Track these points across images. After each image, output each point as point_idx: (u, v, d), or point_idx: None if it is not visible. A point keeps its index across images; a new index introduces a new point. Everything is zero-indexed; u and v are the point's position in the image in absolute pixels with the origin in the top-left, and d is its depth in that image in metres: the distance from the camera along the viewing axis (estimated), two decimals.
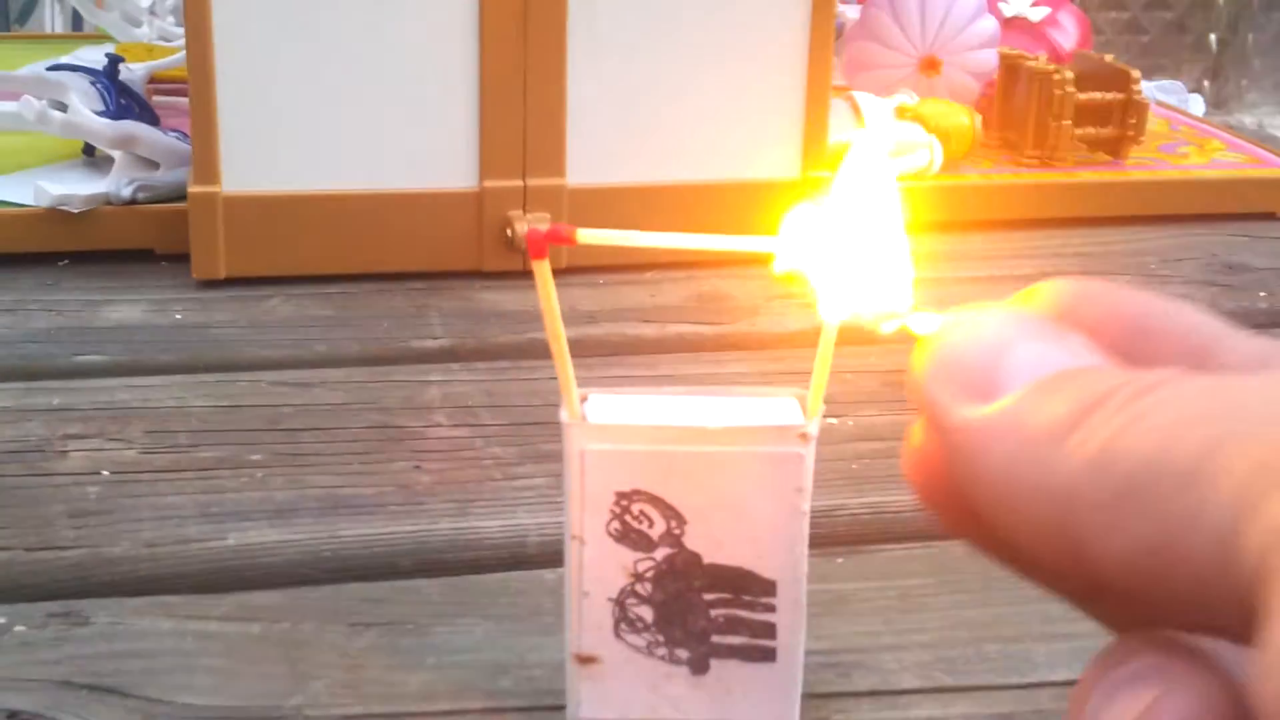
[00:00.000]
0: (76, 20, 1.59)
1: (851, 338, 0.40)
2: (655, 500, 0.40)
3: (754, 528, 0.40)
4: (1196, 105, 1.04)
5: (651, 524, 0.41)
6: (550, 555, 0.51)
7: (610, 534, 0.41)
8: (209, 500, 0.54)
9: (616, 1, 0.74)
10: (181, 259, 0.75)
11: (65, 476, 0.55)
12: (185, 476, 0.56)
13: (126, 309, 0.71)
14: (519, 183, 0.75)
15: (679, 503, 0.40)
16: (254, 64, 0.72)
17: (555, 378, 0.40)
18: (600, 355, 0.67)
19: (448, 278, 0.76)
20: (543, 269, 0.38)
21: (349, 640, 0.46)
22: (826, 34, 0.76)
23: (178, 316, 0.71)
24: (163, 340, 0.68)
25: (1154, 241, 0.84)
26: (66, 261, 0.76)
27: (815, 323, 0.39)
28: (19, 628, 0.46)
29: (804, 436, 0.40)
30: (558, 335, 0.39)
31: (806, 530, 0.40)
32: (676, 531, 0.40)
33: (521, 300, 0.73)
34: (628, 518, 0.41)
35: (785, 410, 0.41)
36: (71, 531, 0.52)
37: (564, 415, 0.40)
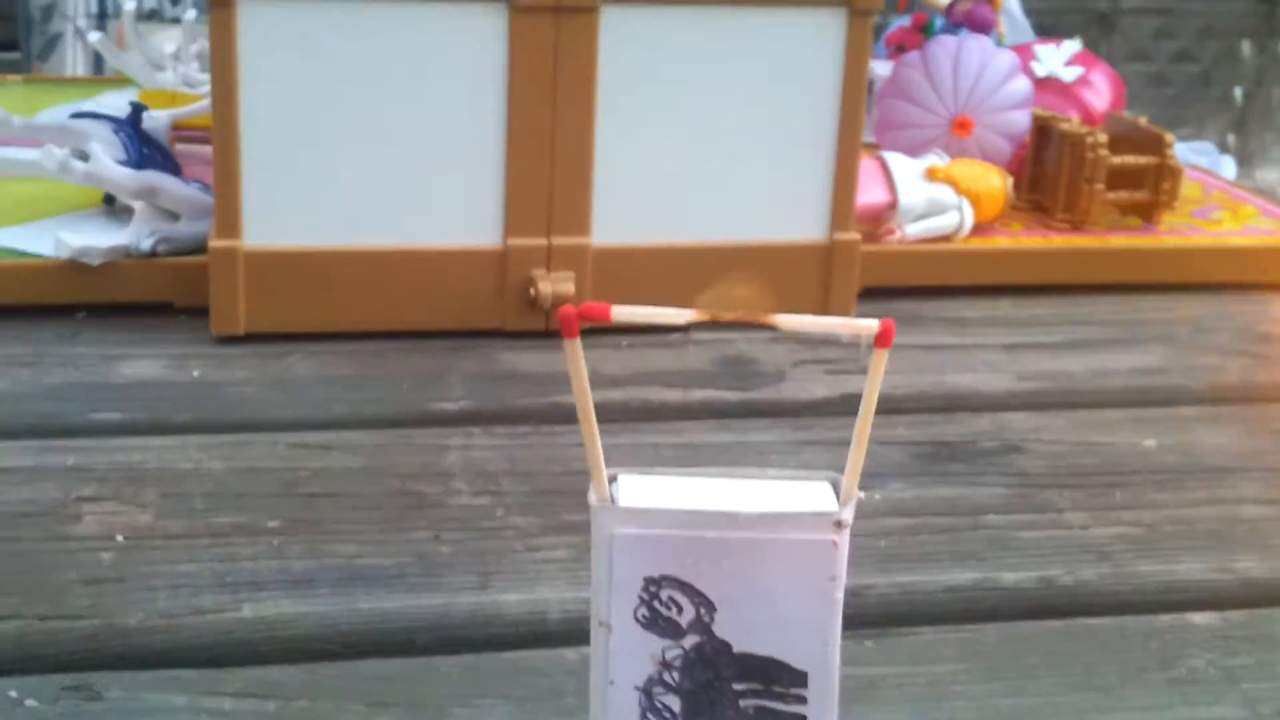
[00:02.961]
0: (98, 61, 1.59)
1: (879, 407, 0.39)
2: (685, 587, 0.39)
3: (785, 616, 0.39)
4: (1228, 167, 1.03)
5: (681, 611, 0.39)
6: (572, 632, 0.50)
7: (638, 620, 0.39)
8: (224, 569, 0.53)
9: (646, 59, 0.73)
10: (201, 312, 0.74)
11: (79, 541, 0.54)
12: (200, 543, 0.55)
13: (144, 364, 0.70)
14: (544, 241, 0.74)
15: (709, 589, 0.39)
16: (279, 119, 0.71)
17: (578, 444, 0.39)
18: (624, 421, 0.66)
19: (470, 337, 0.75)
20: (575, 348, 0.37)
21: None
22: (858, 94, 0.76)
23: (196, 373, 0.70)
24: (180, 398, 0.67)
25: (1187, 309, 0.83)
26: (84, 314, 0.75)
27: (843, 391, 0.38)
28: (30, 702, 0.45)
29: (838, 524, 0.38)
30: (589, 415, 0.38)
31: (839, 620, 0.39)
32: (706, 619, 0.39)
33: (543, 361, 0.72)
34: (656, 604, 0.39)
35: (818, 495, 0.40)
36: (85, 600, 0.51)
37: (593, 498, 0.39)
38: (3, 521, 0.55)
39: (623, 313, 0.38)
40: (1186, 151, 1.03)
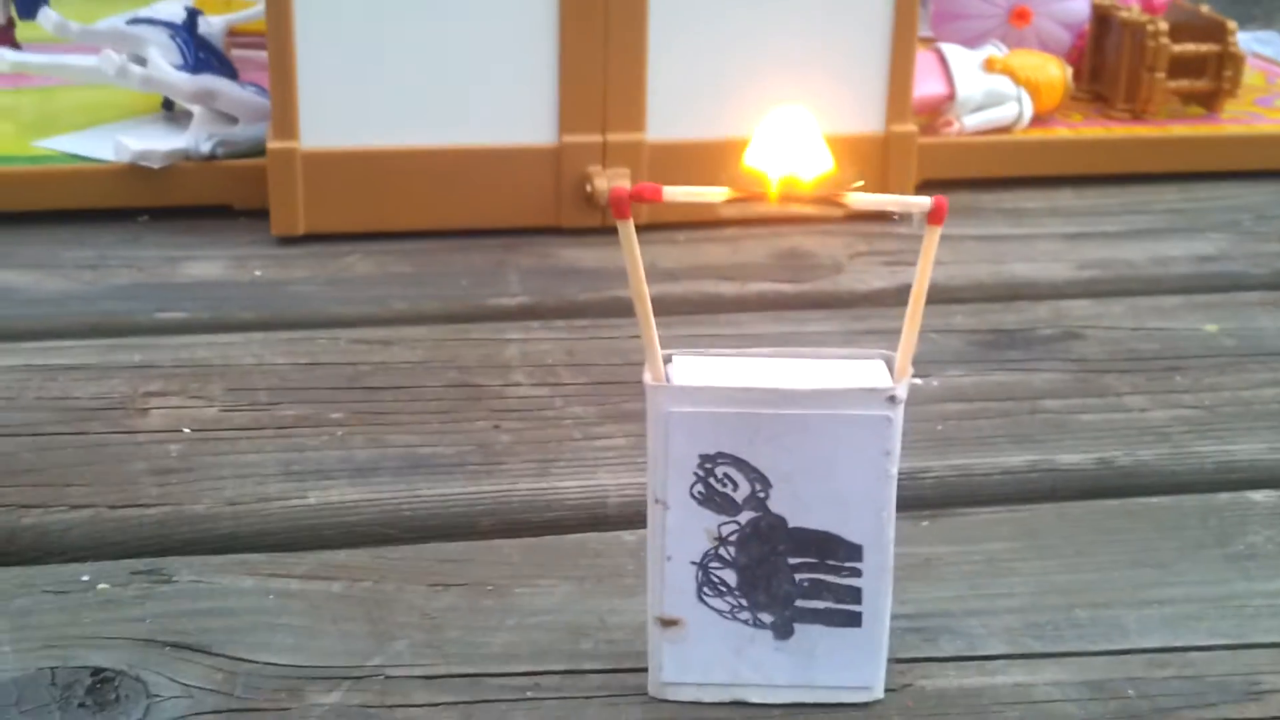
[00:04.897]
0: None
1: (933, 296, 0.39)
2: (740, 463, 0.40)
3: (840, 491, 0.40)
4: None
5: (736, 487, 0.40)
6: (630, 516, 0.51)
7: (694, 497, 0.40)
8: (290, 459, 0.54)
9: None
10: (260, 214, 0.74)
11: (147, 434, 0.55)
12: (266, 434, 0.56)
13: (206, 265, 0.71)
14: (598, 138, 0.74)
15: (764, 466, 0.40)
16: (333, 20, 0.71)
17: (636, 336, 0.39)
18: (681, 314, 0.67)
19: (526, 234, 0.75)
20: (627, 229, 0.37)
21: (429, 600, 0.46)
22: None
23: (257, 273, 0.70)
24: (242, 297, 0.68)
25: (1248, 197, 0.82)
26: (146, 217, 0.76)
27: (901, 282, 0.38)
28: (102, 585, 0.46)
29: (892, 399, 0.39)
30: (642, 296, 0.38)
31: (894, 494, 0.40)
32: (761, 495, 0.40)
33: (600, 257, 0.73)
34: (712, 481, 0.40)
35: (873, 372, 0.40)
36: (154, 489, 0.52)
37: (648, 377, 0.39)
38: (72, 416, 0.57)
39: (674, 193, 0.38)
40: (1250, 41, 1.01)
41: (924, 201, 0.38)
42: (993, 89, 0.83)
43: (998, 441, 0.56)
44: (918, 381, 0.60)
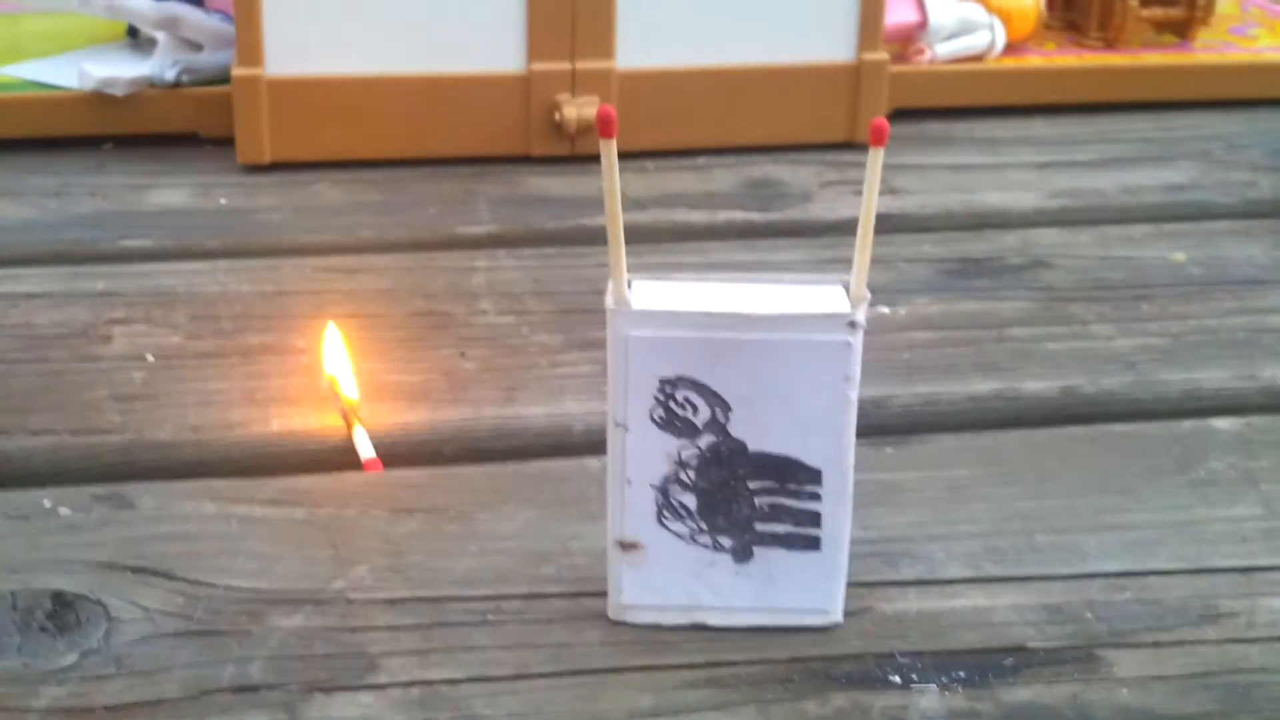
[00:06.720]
0: None
1: (902, 225, 0.39)
2: (700, 387, 0.39)
3: (801, 416, 0.40)
4: None
5: (696, 411, 0.40)
6: (595, 443, 0.50)
7: (654, 421, 0.40)
8: (253, 386, 0.54)
9: None
10: (226, 143, 0.74)
11: (110, 361, 0.55)
12: (230, 362, 0.55)
13: (171, 193, 0.71)
14: (567, 65, 0.73)
15: (724, 390, 0.39)
16: None
17: (603, 264, 0.39)
18: (649, 242, 0.66)
19: (495, 162, 0.74)
20: (609, 148, 0.37)
21: (392, 526, 0.46)
22: None
23: (222, 201, 0.70)
24: (208, 225, 0.67)
25: (1220, 126, 0.82)
26: (110, 145, 0.76)
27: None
28: (64, 510, 0.46)
29: (852, 325, 0.39)
30: (616, 217, 0.38)
31: (854, 419, 0.40)
32: (721, 419, 0.40)
33: (568, 186, 0.72)
34: (672, 405, 0.40)
35: (833, 298, 0.40)
36: (117, 416, 0.52)
37: (609, 300, 0.39)
38: (34, 344, 0.56)
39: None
40: None
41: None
42: (965, 17, 0.83)
43: (964, 369, 0.56)
44: (884, 310, 0.60)
